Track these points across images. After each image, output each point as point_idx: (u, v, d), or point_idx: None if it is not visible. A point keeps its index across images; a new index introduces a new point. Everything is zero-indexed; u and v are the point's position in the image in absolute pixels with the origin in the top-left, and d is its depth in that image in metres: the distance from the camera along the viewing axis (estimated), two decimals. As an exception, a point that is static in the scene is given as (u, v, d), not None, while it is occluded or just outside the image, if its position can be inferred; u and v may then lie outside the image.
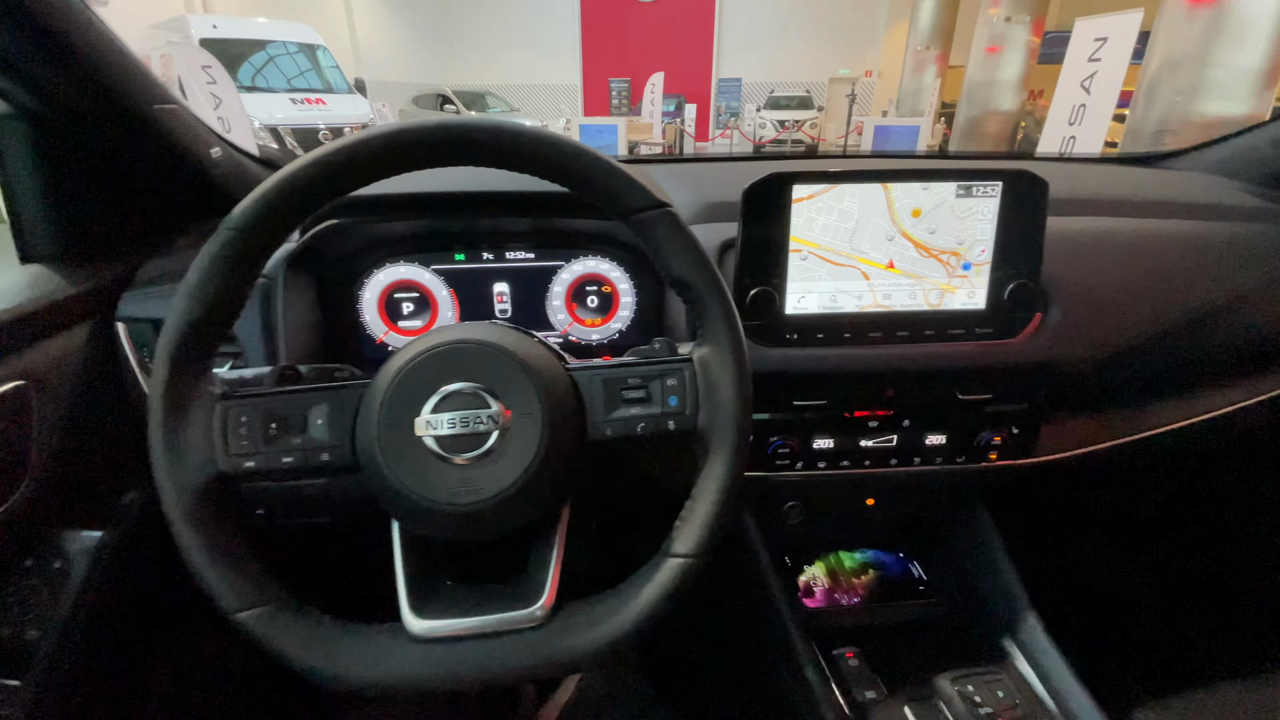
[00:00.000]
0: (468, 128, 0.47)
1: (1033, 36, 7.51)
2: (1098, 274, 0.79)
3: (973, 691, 0.71)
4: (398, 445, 0.46)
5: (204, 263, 0.46)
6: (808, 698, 0.74)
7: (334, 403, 0.49)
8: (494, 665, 0.46)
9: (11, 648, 0.58)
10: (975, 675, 0.73)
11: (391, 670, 0.46)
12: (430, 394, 0.47)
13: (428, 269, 0.82)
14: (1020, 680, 0.76)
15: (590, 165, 0.49)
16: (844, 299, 0.75)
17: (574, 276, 0.85)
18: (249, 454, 0.47)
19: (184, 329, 0.46)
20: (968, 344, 0.75)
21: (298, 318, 0.74)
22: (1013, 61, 7.58)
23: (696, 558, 0.49)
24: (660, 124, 8.36)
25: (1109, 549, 1.17)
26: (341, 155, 0.46)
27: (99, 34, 0.60)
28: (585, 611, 0.49)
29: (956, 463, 0.80)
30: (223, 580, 0.45)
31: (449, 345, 0.49)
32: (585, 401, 0.51)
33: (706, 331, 0.52)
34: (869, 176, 0.71)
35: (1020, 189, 0.72)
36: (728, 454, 0.50)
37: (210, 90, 4.14)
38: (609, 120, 7.03)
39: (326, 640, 0.46)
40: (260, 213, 0.46)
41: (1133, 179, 0.99)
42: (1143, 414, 0.83)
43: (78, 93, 0.62)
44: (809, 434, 0.78)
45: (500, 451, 0.47)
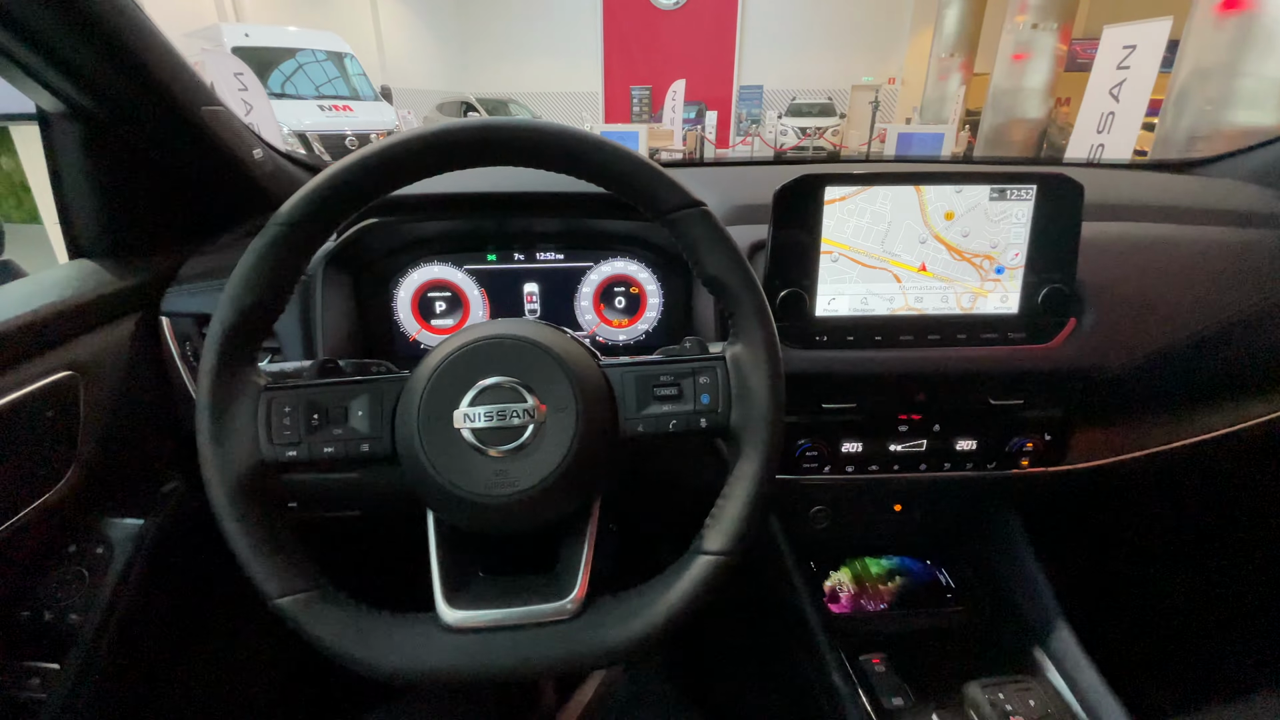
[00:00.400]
0: (512, 129, 0.48)
1: (1060, 43, 7.41)
2: (1133, 279, 0.77)
3: (1004, 699, 0.70)
4: (437, 437, 0.47)
5: (253, 256, 0.48)
6: (834, 703, 0.73)
7: (374, 395, 0.50)
8: (526, 656, 0.47)
9: (53, 631, 0.59)
10: (1006, 683, 0.71)
11: (425, 660, 0.46)
12: (468, 387, 0.48)
13: (460, 269, 0.84)
14: (1052, 691, 0.74)
15: (628, 165, 0.50)
16: (875, 301, 0.74)
17: (602, 277, 0.86)
18: (292, 444, 0.48)
19: (234, 319, 0.47)
20: (1000, 348, 0.74)
21: (335, 314, 0.76)
22: (1039, 69, 7.48)
23: (728, 555, 0.49)
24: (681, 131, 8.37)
25: (1144, 559, 1.14)
26: (387, 155, 0.47)
27: (151, 36, 0.62)
28: (617, 606, 0.49)
29: (987, 469, 0.79)
30: (265, 566, 0.46)
31: (487, 340, 0.50)
32: (618, 398, 0.52)
33: (740, 330, 0.52)
34: (902, 179, 0.71)
35: (1056, 192, 0.72)
36: (760, 453, 0.50)
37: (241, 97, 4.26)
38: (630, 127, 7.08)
39: (363, 628, 0.47)
40: (308, 209, 0.48)
41: (1167, 185, 0.97)
42: (1180, 422, 0.81)
43: (129, 93, 0.64)
44: (837, 437, 0.78)
45: (535, 445, 0.47)
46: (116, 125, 0.68)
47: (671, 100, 8.27)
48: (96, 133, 0.69)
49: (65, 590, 0.61)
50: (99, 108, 0.65)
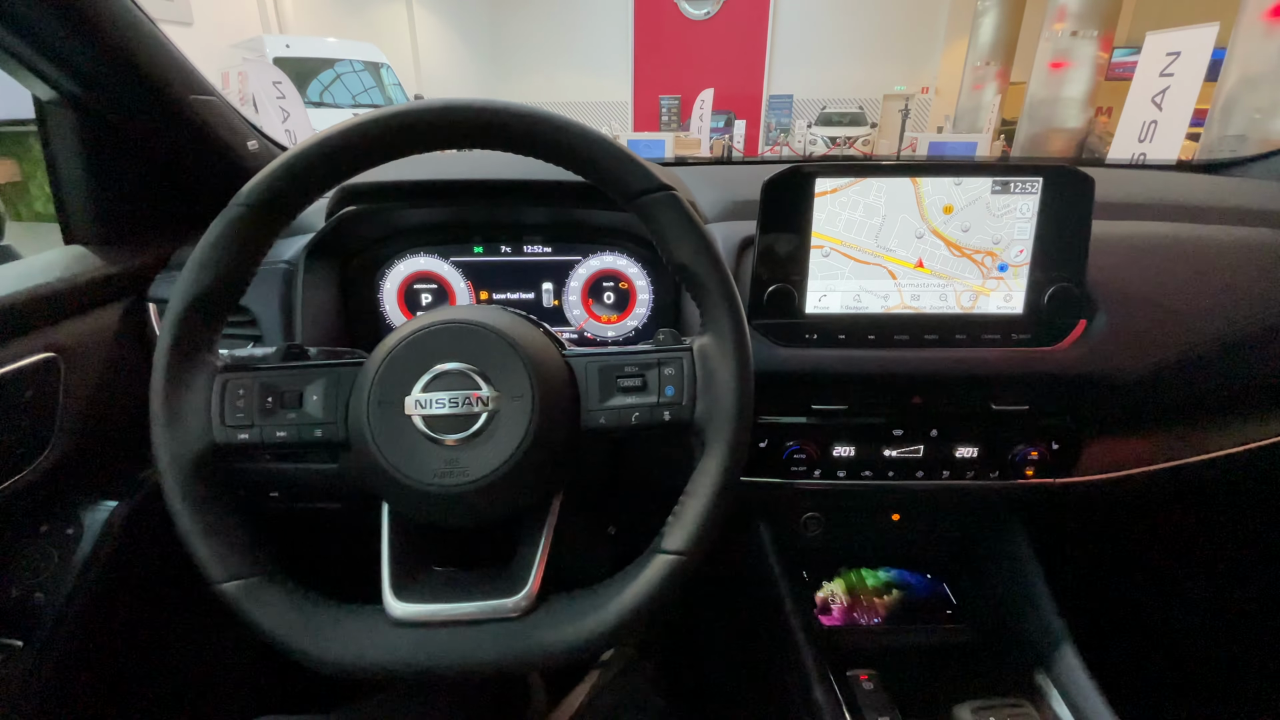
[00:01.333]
0: (473, 110, 0.47)
1: (1101, 51, 7.21)
2: (1150, 280, 0.73)
3: None
4: (386, 422, 0.46)
5: (212, 237, 0.47)
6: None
7: (330, 379, 0.49)
8: (471, 654, 0.45)
9: (19, 609, 0.60)
10: (1001, 707, 0.67)
11: (366, 652, 0.45)
12: (422, 373, 0.47)
13: (446, 261, 0.83)
14: (1052, 716, 0.69)
15: (594, 147, 0.48)
16: (868, 299, 0.71)
17: (590, 272, 0.84)
18: (244, 426, 0.48)
19: (188, 301, 0.47)
20: (1003, 350, 0.70)
21: (318, 304, 0.76)
22: (1079, 78, 7.28)
23: (687, 555, 0.47)
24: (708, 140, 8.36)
25: (1156, 580, 1.07)
26: (346, 137, 0.47)
27: (137, 24, 0.63)
28: (568, 604, 0.47)
29: (989, 478, 0.75)
30: (209, 549, 0.45)
31: (443, 325, 0.48)
32: (580, 389, 0.50)
33: (708, 320, 0.50)
34: (897, 170, 0.68)
35: (1063, 185, 0.68)
36: (724, 448, 0.48)
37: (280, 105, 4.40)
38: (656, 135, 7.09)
39: (305, 617, 0.46)
40: (268, 190, 0.47)
41: (1199, 185, 0.92)
42: (1198, 434, 0.75)
43: (117, 81, 0.65)
44: (828, 440, 0.74)
45: (488, 434, 0.46)
46: (108, 113, 0.69)
47: (699, 109, 8.27)
48: (89, 121, 0.70)
49: (34, 569, 0.61)
50: (89, 96, 0.66)
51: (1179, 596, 1.05)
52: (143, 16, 0.65)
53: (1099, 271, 0.70)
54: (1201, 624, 1.02)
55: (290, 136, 4.39)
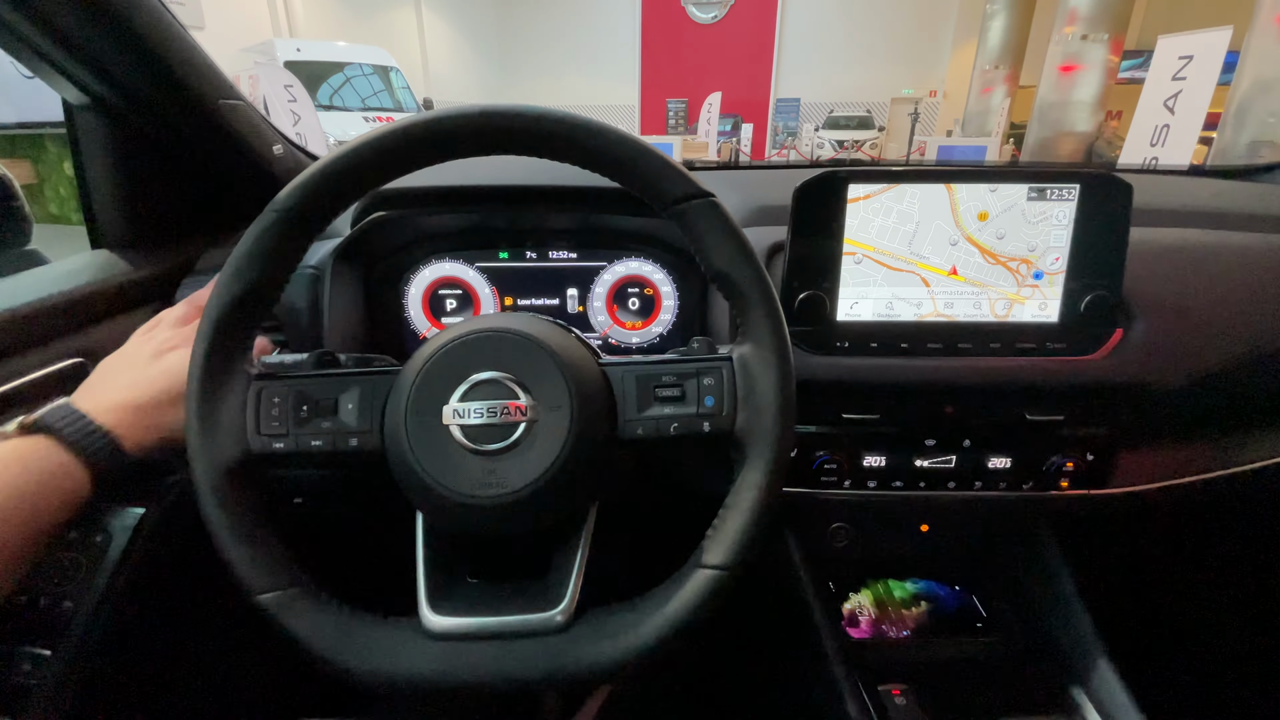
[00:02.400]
0: (511, 115, 0.46)
1: (1111, 55, 7.17)
2: (1190, 289, 0.71)
3: None
4: (424, 432, 0.45)
5: (248, 243, 0.47)
6: None
7: (365, 388, 0.49)
8: (507, 668, 0.44)
9: (47, 617, 0.59)
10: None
11: (403, 665, 0.44)
12: (459, 382, 0.46)
13: (471, 266, 0.82)
14: None
15: (632, 152, 0.47)
16: (901, 306, 0.70)
17: (616, 278, 0.83)
18: (279, 435, 0.47)
19: (224, 307, 0.46)
20: (1038, 359, 0.69)
21: (344, 309, 0.75)
22: (1089, 81, 7.24)
23: (728, 570, 0.46)
24: (715, 143, 8.37)
25: (1195, 595, 1.05)
26: (384, 142, 0.46)
27: (170, 29, 0.63)
28: (607, 620, 0.46)
29: (1023, 489, 0.73)
30: (245, 560, 0.45)
31: (480, 333, 0.47)
32: (618, 398, 0.49)
33: (748, 329, 0.49)
34: (932, 176, 0.67)
35: (1101, 193, 0.66)
36: (766, 461, 0.47)
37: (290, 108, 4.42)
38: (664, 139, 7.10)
39: (342, 630, 0.45)
40: (304, 196, 0.47)
41: (1225, 191, 0.91)
42: (1239, 445, 0.74)
43: (148, 85, 0.65)
44: (858, 450, 0.73)
45: (527, 445, 0.45)
46: (137, 117, 0.69)
47: (706, 113, 8.28)
48: (118, 125, 0.70)
49: (61, 576, 0.61)
50: (119, 100, 0.66)
51: (1216, 610, 1.03)
52: (174, 21, 0.65)
53: (1135, 280, 0.69)
54: (1240, 639, 1.00)
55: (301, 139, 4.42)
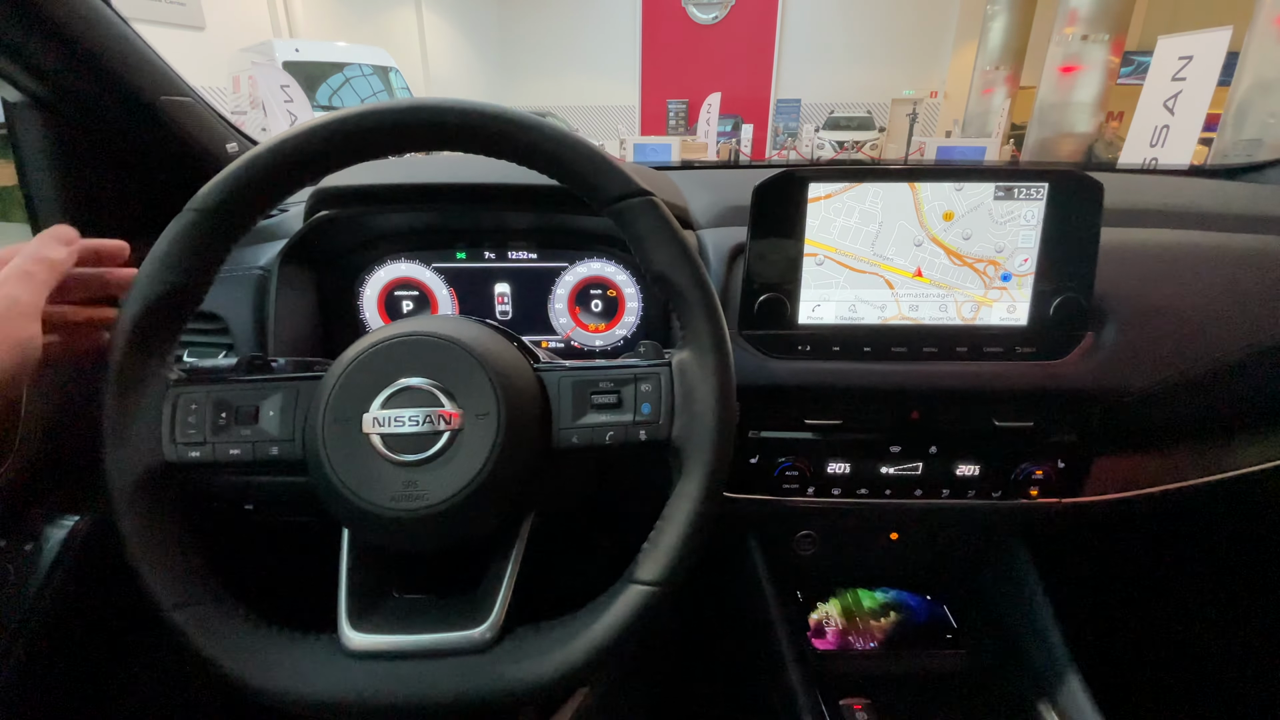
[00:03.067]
0: (441, 110, 0.44)
1: (1111, 56, 7.14)
2: (1165, 291, 0.69)
3: None
4: (342, 441, 0.43)
5: (165, 244, 0.45)
6: None
7: (288, 394, 0.47)
8: (430, 688, 0.42)
9: None
10: None
11: (315, 686, 0.42)
12: (381, 388, 0.44)
13: (428, 267, 0.80)
14: None
15: (568, 150, 0.45)
16: (864, 309, 0.68)
17: (578, 279, 0.81)
18: (196, 443, 0.45)
19: (140, 309, 0.45)
20: (1006, 364, 0.67)
21: (294, 312, 0.73)
22: (1089, 82, 7.21)
23: (661, 586, 0.43)
24: (715, 144, 8.34)
25: (1167, 606, 1.02)
26: (306, 139, 0.44)
27: (104, 24, 0.61)
28: (535, 637, 0.44)
29: (992, 497, 0.71)
30: (155, 574, 0.43)
31: (404, 337, 0.45)
32: (552, 406, 0.47)
33: (688, 334, 0.47)
34: (894, 175, 0.65)
35: (1070, 191, 0.64)
36: (702, 471, 0.45)
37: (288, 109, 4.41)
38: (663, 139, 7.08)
39: (253, 647, 0.43)
40: (225, 194, 0.45)
41: (1214, 190, 0.88)
42: (1213, 453, 0.72)
43: (83, 82, 0.63)
44: (822, 456, 0.71)
45: (450, 455, 0.43)
46: (76, 115, 0.67)
47: (706, 113, 8.26)
48: (58, 122, 0.68)
49: None
50: (53, 97, 0.64)
51: (1189, 622, 1.01)
52: (112, 15, 0.63)
53: (1107, 282, 0.67)
54: (1213, 651, 0.98)
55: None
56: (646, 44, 15.08)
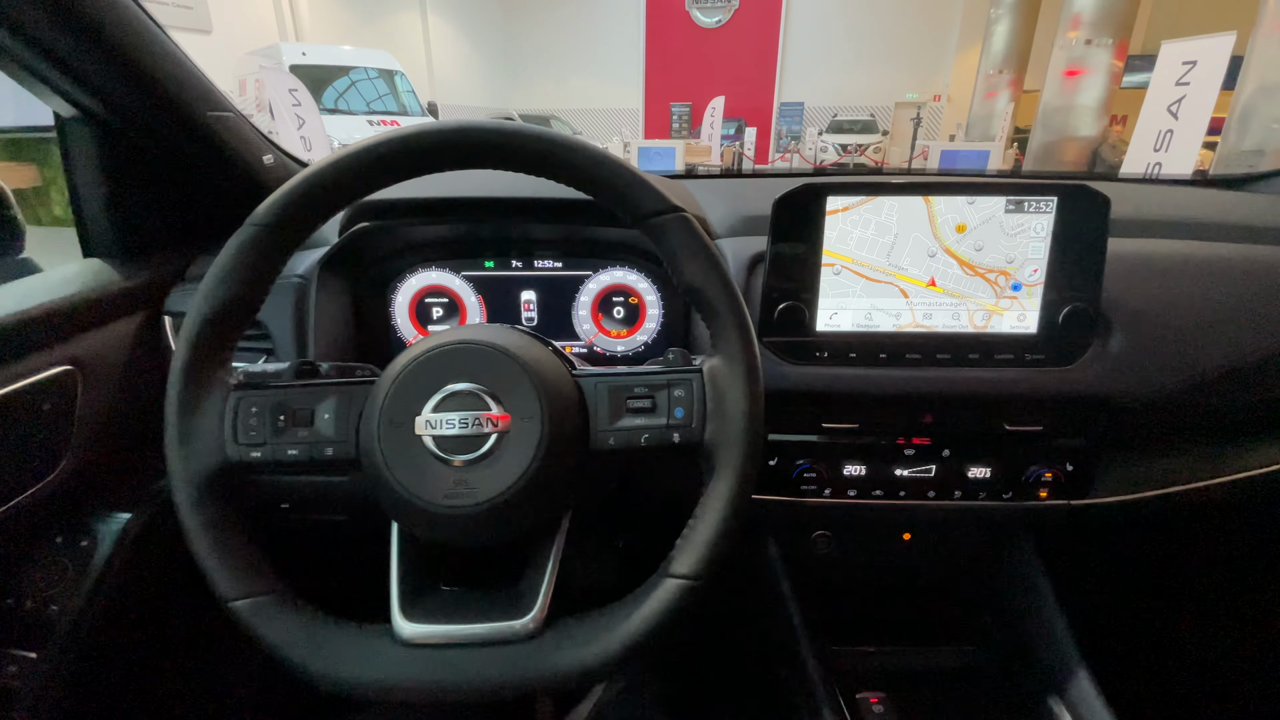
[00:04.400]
0: (487, 132, 0.47)
1: (1115, 60, 7.15)
2: (1168, 300, 0.72)
3: None
4: (397, 442, 0.46)
5: (226, 256, 0.48)
6: None
7: (342, 398, 0.50)
8: (478, 675, 0.45)
9: (33, 621, 0.60)
10: None
11: (375, 673, 0.45)
12: (432, 393, 0.47)
13: (458, 275, 0.83)
14: None
15: (605, 168, 0.48)
16: (880, 317, 0.71)
17: (601, 286, 0.84)
18: (257, 444, 0.48)
19: (205, 318, 0.48)
20: (1017, 370, 0.70)
21: (331, 318, 0.76)
22: (1093, 86, 7.22)
23: (695, 580, 0.46)
24: (719, 147, 8.37)
25: (1173, 605, 1.05)
26: (360, 157, 0.47)
27: (158, 43, 0.64)
28: (576, 628, 0.47)
29: (1002, 499, 0.74)
30: (221, 566, 0.46)
31: (454, 345, 0.48)
32: (590, 409, 0.50)
33: (719, 342, 0.50)
34: (909, 189, 0.67)
35: (1079, 205, 0.67)
36: (734, 471, 0.47)
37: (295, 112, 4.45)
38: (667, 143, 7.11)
39: (315, 636, 0.46)
40: (283, 209, 0.48)
41: (1216, 201, 0.91)
42: (1217, 457, 0.74)
43: (136, 98, 0.66)
44: (839, 459, 0.74)
45: (497, 455, 0.46)
46: (126, 130, 0.70)
47: (710, 117, 8.29)
48: (108, 137, 0.71)
49: (48, 581, 0.62)
50: (108, 113, 0.67)
51: (1196, 621, 1.03)
52: (162, 35, 0.66)
53: (1114, 290, 0.69)
54: (1220, 650, 1.00)
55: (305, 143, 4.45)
56: (650, 48, 15.13)
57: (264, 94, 4.61)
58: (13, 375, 0.59)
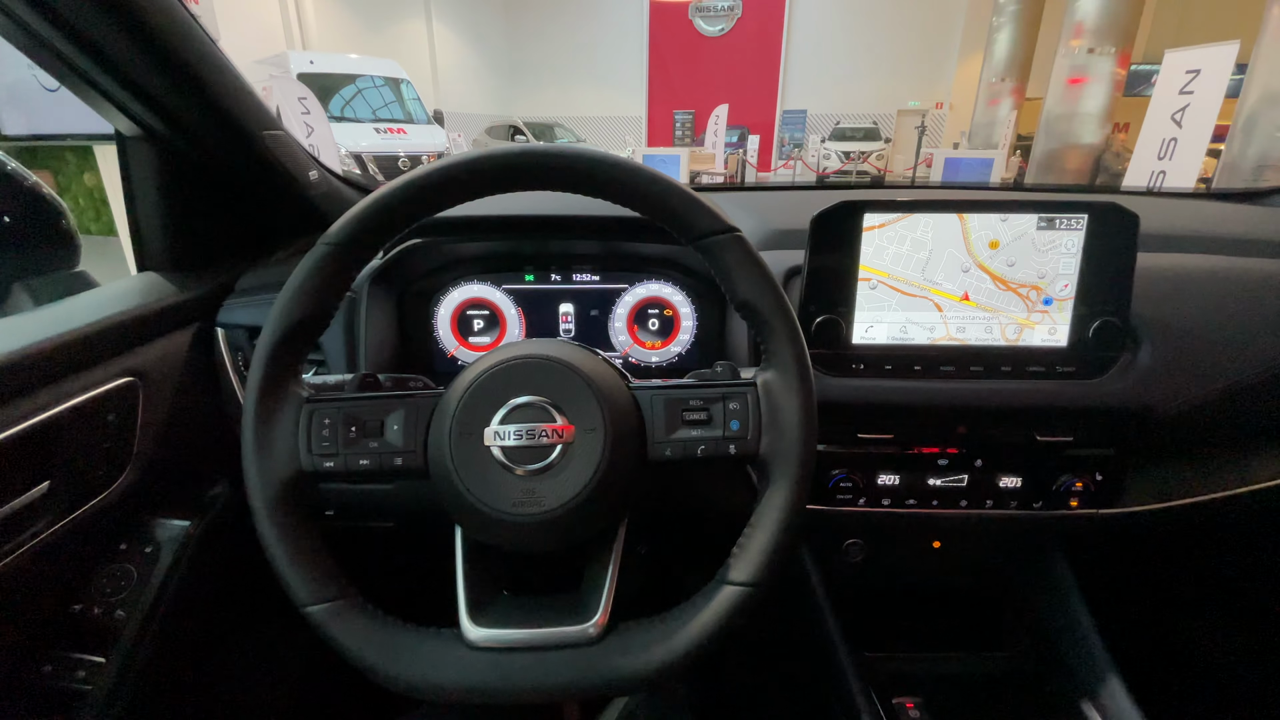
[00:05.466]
0: (550, 155, 0.50)
1: (1118, 68, 7.20)
2: (1194, 314, 0.74)
3: None
4: (467, 453, 0.48)
5: (302, 274, 0.50)
6: None
7: (410, 410, 0.52)
8: (546, 677, 0.47)
9: (100, 626, 0.62)
10: None
11: (445, 675, 0.46)
12: (499, 405, 0.49)
13: (499, 288, 0.85)
14: None
15: (661, 189, 0.50)
16: (915, 330, 0.73)
17: (636, 299, 0.86)
18: (329, 454, 0.50)
19: (281, 334, 0.49)
20: (1048, 382, 0.72)
21: (378, 330, 0.78)
22: (1096, 94, 7.26)
23: (753, 587, 0.48)
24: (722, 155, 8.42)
25: (1205, 613, 1.06)
26: (431, 179, 0.49)
27: (219, 65, 0.67)
28: (638, 632, 0.49)
29: (1033, 508, 0.76)
30: (298, 573, 0.47)
31: (520, 360, 0.50)
32: (646, 421, 0.52)
33: (772, 356, 0.52)
34: (944, 206, 0.70)
35: (1108, 222, 0.69)
36: (790, 482, 0.49)
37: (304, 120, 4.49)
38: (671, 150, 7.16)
39: (388, 640, 0.47)
40: (355, 230, 0.50)
41: (1229, 215, 0.93)
42: (1244, 467, 0.76)
43: (198, 118, 0.68)
44: (873, 469, 0.76)
45: (562, 465, 0.48)
46: (187, 148, 0.72)
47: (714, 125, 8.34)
48: (167, 154, 0.74)
49: (114, 586, 0.64)
50: (170, 132, 0.70)
51: (1224, 630, 1.04)
52: (222, 56, 0.69)
53: (1142, 305, 0.71)
54: (1251, 658, 1.02)
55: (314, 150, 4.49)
56: (653, 56, 15.22)
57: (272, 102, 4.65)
58: (80, 387, 0.62)
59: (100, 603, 0.63)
